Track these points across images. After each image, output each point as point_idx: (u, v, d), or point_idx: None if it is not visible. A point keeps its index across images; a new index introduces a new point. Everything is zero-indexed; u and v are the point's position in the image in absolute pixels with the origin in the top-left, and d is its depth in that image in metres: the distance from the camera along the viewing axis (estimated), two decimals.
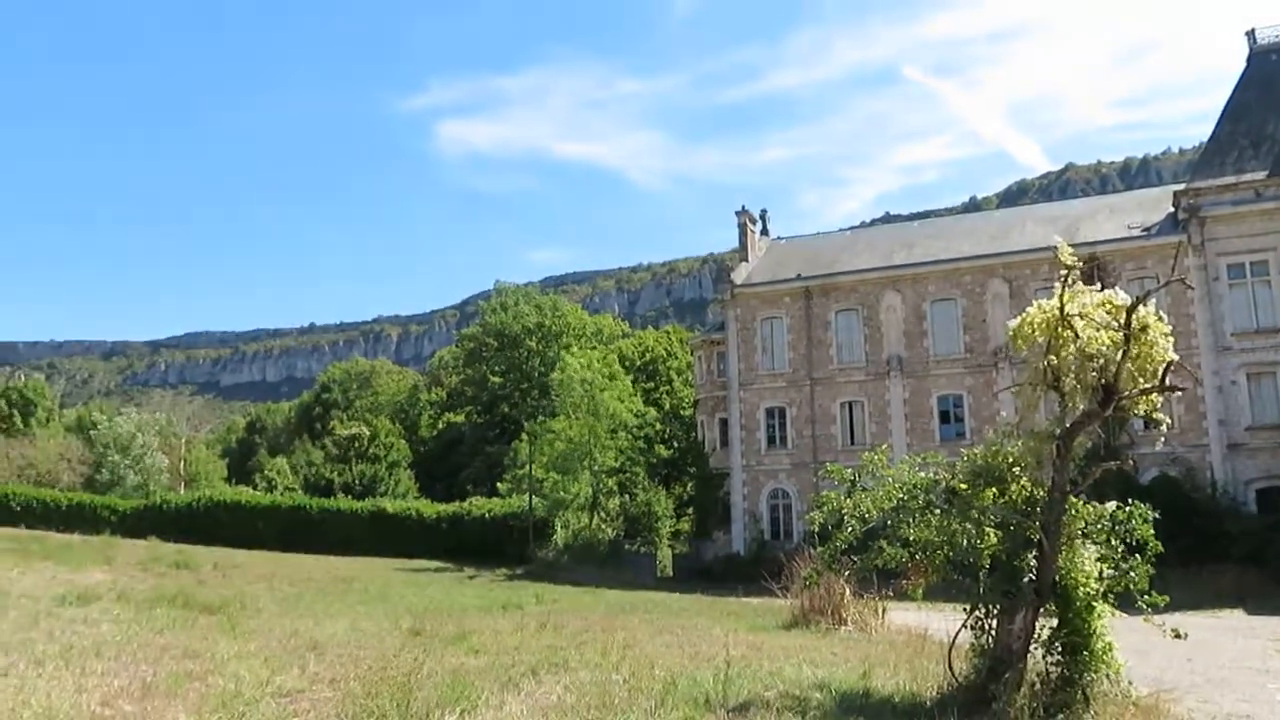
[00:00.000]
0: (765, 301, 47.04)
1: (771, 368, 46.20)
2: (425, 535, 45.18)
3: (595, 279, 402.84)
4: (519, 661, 11.03)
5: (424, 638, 13.86)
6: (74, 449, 64.43)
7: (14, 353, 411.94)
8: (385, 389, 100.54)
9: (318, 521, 46.22)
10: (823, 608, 17.54)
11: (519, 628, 16.08)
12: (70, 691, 7.92)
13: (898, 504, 9.63)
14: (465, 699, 7.78)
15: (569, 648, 12.89)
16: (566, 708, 7.88)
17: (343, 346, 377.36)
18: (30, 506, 47.10)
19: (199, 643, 11.99)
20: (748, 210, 51.49)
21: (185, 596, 19.03)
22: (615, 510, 50.94)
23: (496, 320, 77.73)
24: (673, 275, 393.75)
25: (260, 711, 7.24)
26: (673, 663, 11.27)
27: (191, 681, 8.87)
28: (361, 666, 10.21)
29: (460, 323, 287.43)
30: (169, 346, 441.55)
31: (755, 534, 44.46)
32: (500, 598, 25.69)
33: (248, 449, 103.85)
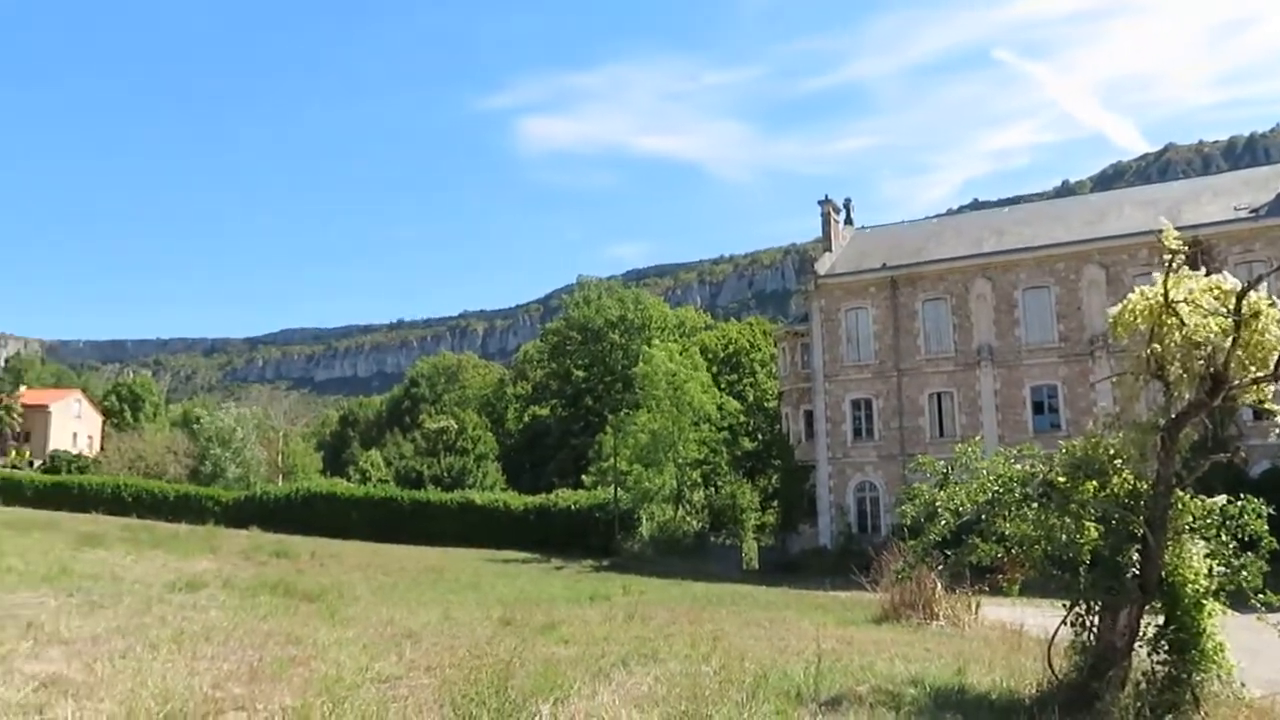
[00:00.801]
0: (850, 292, 46.39)
1: (857, 359, 45.57)
2: (512, 526, 45.77)
3: (677, 272, 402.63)
4: (608, 652, 11.12)
5: (514, 627, 14.08)
6: (179, 442, 67.22)
7: (123, 350, 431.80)
8: (472, 383, 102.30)
9: (409, 513, 47.22)
10: (913, 602, 17.26)
11: (607, 619, 16.21)
12: (183, 674, 8.27)
13: (992, 497, 9.39)
14: (558, 688, 7.87)
15: (657, 639, 12.95)
16: (657, 698, 7.91)
17: (430, 341, 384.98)
18: (140, 497, 49.25)
19: (300, 629, 12.39)
20: (831, 200, 50.86)
21: (286, 585, 19.66)
22: (700, 503, 50.88)
23: (579, 314, 78.30)
24: (755, 267, 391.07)
25: (361, 697, 7.44)
26: (762, 655, 11.22)
27: (295, 666, 9.17)
28: (456, 654, 10.41)
29: (544, 317, 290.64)
30: (266, 343, 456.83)
31: (842, 527, 43.95)
32: (587, 589, 25.91)
33: (341, 442, 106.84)
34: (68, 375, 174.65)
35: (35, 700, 7.02)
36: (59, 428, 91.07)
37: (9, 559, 19.66)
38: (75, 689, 7.48)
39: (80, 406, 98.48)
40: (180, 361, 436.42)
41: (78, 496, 49.31)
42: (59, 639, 10.06)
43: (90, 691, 7.43)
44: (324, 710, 6.53)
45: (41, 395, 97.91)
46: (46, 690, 7.38)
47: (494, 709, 6.51)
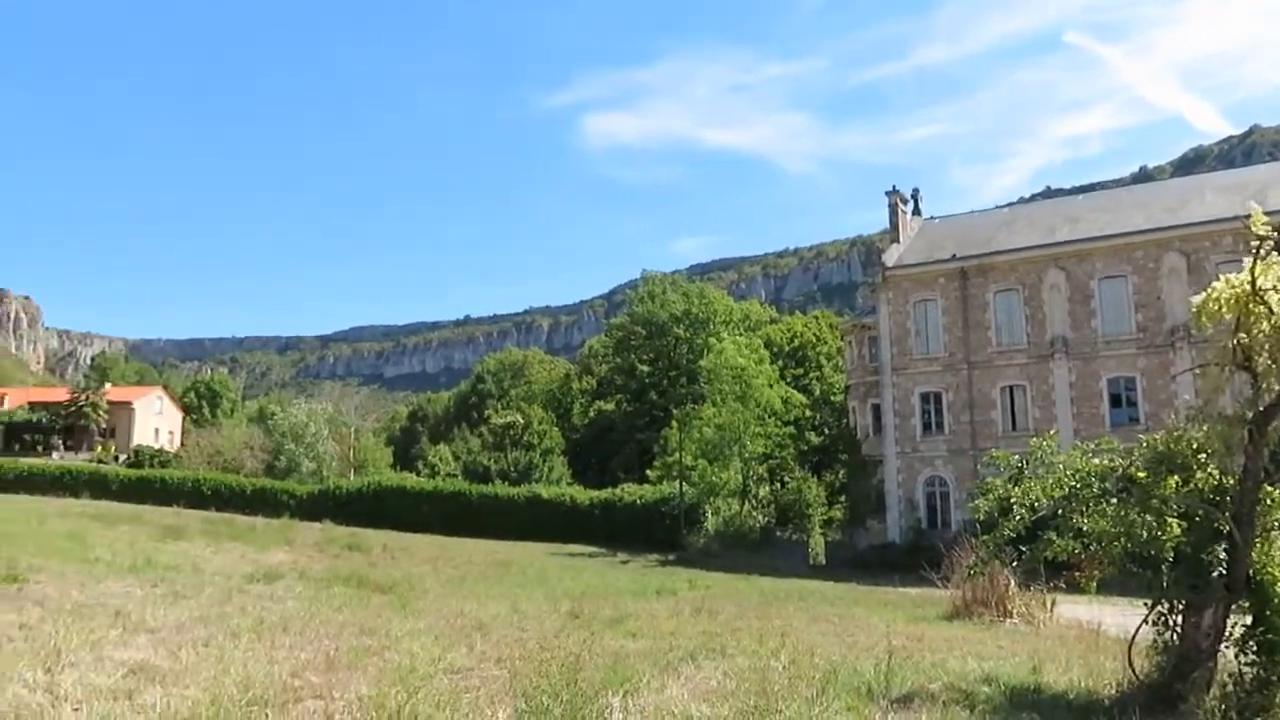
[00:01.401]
0: (918, 283, 45.63)
1: (926, 351, 44.81)
2: (578, 521, 46.05)
3: (741, 265, 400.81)
4: (676, 646, 11.13)
5: (582, 621, 14.17)
6: (256, 438, 68.99)
7: (201, 349, 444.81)
8: (538, 378, 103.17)
9: (477, 506, 47.80)
10: (986, 599, 16.95)
11: (674, 613, 16.23)
12: (263, 662, 8.51)
13: (1069, 492, 9.15)
14: (627, 682, 7.91)
15: (724, 634, 12.92)
16: (726, 693, 7.89)
17: (496, 337, 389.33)
18: (219, 491, 50.68)
19: (373, 620, 12.65)
20: (898, 190, 50.06)
21: (359, 576, 20.10)
22: (766, 498, 50.63)
23: (644, 309, 78.41)
24: (820, 259, 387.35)
25: (434, 687, 7.56)
26: (831, 652, 11.13)
27: (370, 656, 9.36)
28: (525, 647, 10.53)
29: (608, 312, 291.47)
30: (337, 340, 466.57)
31: (911, 522, 43.30)
32: (654, 583, 25.97)
33: (411, 437, 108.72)
34: (150, 373, 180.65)
35: (125, 686, 7.29)
36: (142, 424, 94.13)
37: (97, 550, 20.43)
38: (162, 675, 7.74)
39: (162, 403, 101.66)
40: (255, 359, 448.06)
41: (160, 490, 50.88)
42: (145, 627, 10.43)
43: (176, 678, 7.68)
44: (399, 700, 6.65)
45: (125, 392, 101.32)
46: (135, 676, 7.65)
47: (566, 701, 6.56)
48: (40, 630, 9.45)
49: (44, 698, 6.77)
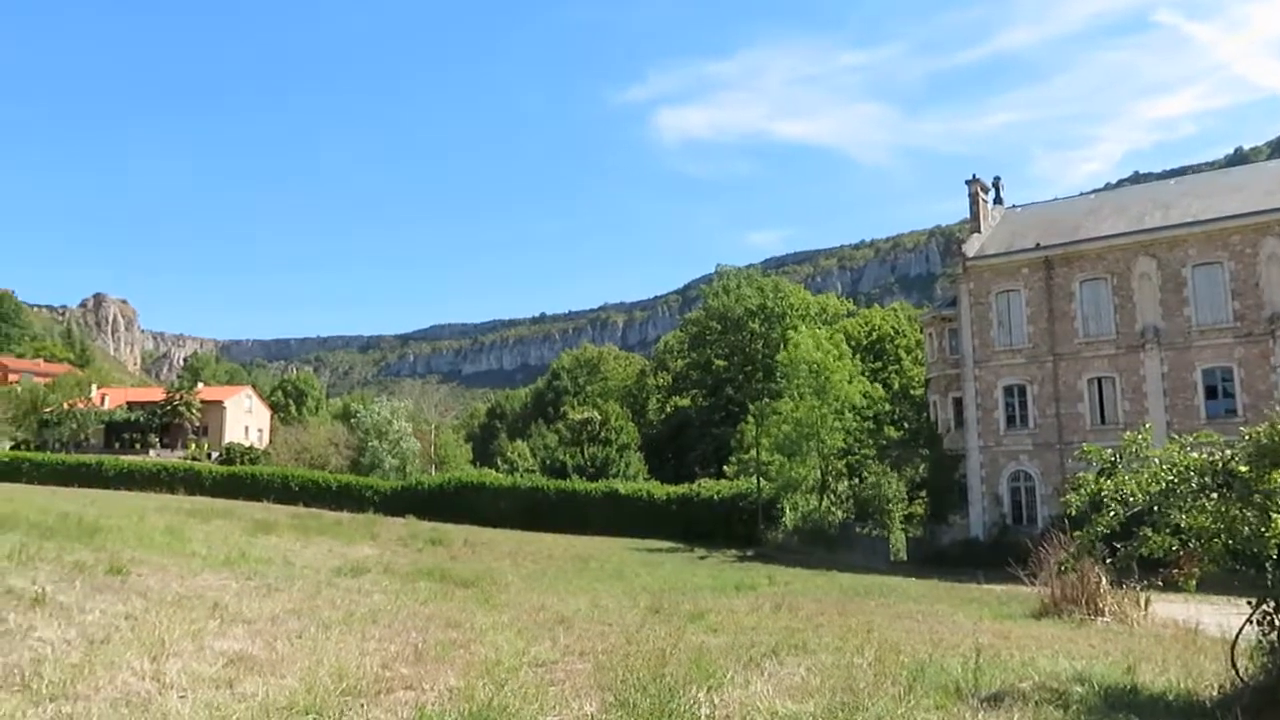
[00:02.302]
0: (1001, 273, 44.60)
1: (1009, 343, 43.79)
2: (655, 516, 46.09)
3: (816, 258, 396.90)
4: (758, 642, 11.07)
5: (663, 616, 14.20)
6: (340, 434, 70.74)
7: (287, 349, 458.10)
8: (613, 374, 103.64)
9: (555, 502, 48.20)
10: (1076, 597, 16.47)
11: (754, 609, 16.14)
12: (355, 654, 8.73)
13: (1166, 487, 8.83)
14: (711, 677, 7.90)
15: (806, 630, 12.81)
16: (811, 690, 7.83)
17: (572, 334, 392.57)
18: (306, 487, 52.04)
19: (458, 613, 12.86)
20: (979, 179, 48.98)
21: (442, 571, 20.45)
22: (844, 493, 50.00)
23: (719, 304, 78.13)
24: (897, 250, 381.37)
25: (520, 679, 7.67)
26: (916, 649, 10.95)
27: (456, 649, 9.53)
28: (607, 641, 10.59)
29: (682, 307, 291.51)
30: (416, 339, 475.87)
31: (995, 518, 42.41)
32: (732, 578, 25.87)
33: (489, 433, 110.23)
34: (239, 372, 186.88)
35: (226, 675, 7.55)
36: (232, 422, 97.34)
37: (194, 544, 21.14)
38: (260, 665, 8.00)
39: (251, 402, 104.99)
40: (338, 358, 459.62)
41: (250, 486, 52.47)
42: (242, 619, 10.77)
43: (273, 668, 7.94)
44: (488, 692, 6.75)
45: (217, 392, 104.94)
46: (235, 666, 7.92)
47: (653, 695, 6.59)
48: (145, 620, 9.83)
49: (151, 685, 7.05)
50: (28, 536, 17.13)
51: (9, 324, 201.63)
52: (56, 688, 6.71)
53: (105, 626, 9.31)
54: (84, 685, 6.85)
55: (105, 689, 6.83)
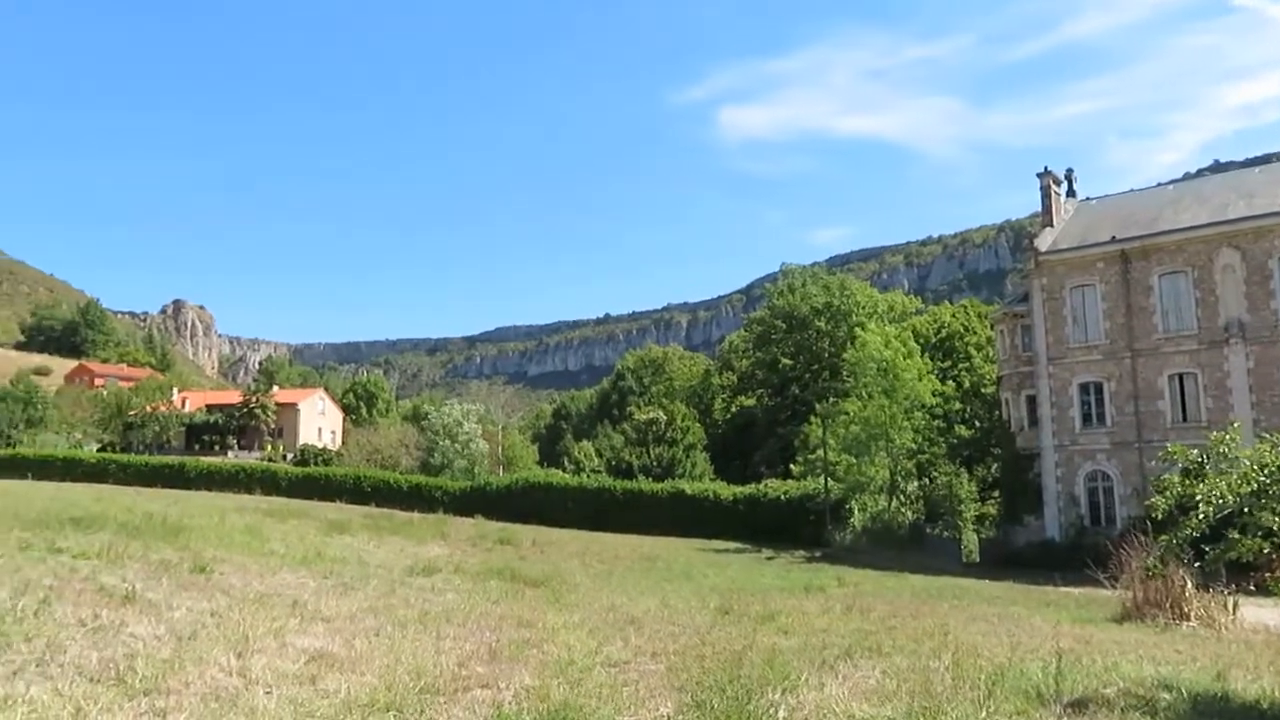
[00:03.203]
0: (1074, 268, 43.47)
1: (1084, 339, 42.66)
2: (722, 516, 45.91)
3: (882, 255, 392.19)
4: (830, 644, 10.97)
5: (733, 616, 14.15)
6: (410, 436, 71.94)
7: (357, 352, 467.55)
8: (678, 374, 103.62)
9: (621, 502, 48.31)
10: (1159, 600, 15.97)
11: (825, 610, 15.99)
12: (431, 652, 8.88)
13: (1258, 489, 8.53)
14: (785, 679, 7.85)
15: (879, 632, 12.65)
16: (888, 693, 7.73)
17: (636, 335, 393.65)
18: (378, 487, 53.00)
19: (529, 613, 12.98)
20: (1050, 171, 47.79)
21: (511, 570, 20.65)
22: (914, 493, 49.26)
23: (784, 302, 77.59)
24: (965, 246, 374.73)
25: (594, 679, 7.72)
26: (994, 652, 10.74)
27: (529, 648, 9.63)
28: (679, 642, 10.60)
29: (746, 306, 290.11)
30: (483, 341, 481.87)
31: (1072, 519, 41.34)
32: (801, 579, 25.69)
33: (555, 434, 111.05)
34: (312, 375, 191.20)
35: (308, 672, 7.74)
36: (306, 423, 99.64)
37: (272, 544, 21.66)
38: (340, 663, 8.18)
39: (324, 404, 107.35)
40: (407, 360, 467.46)
41: (324, 486, 53.61)
42: (321, 616, 11.01)
43: (353, 665, 8.11)
44: (562, 691, 6.80)
45: (291, 394, 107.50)
46: (316, 663, 8.11)
47: (730, 697, 6.57)
48: (228, 618, 10.11)
49: (238, 681, 7.26)
50: (116, 535, 17.75)
51: (95, 330, 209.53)
52: (149, 682, 6.94)
53: (192, 623, 9.60)
54: (174, 680, 7.07)
55: (194, 684, 7.04)
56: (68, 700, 6.29)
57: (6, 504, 23.42)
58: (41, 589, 10.56)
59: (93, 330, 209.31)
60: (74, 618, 9.11)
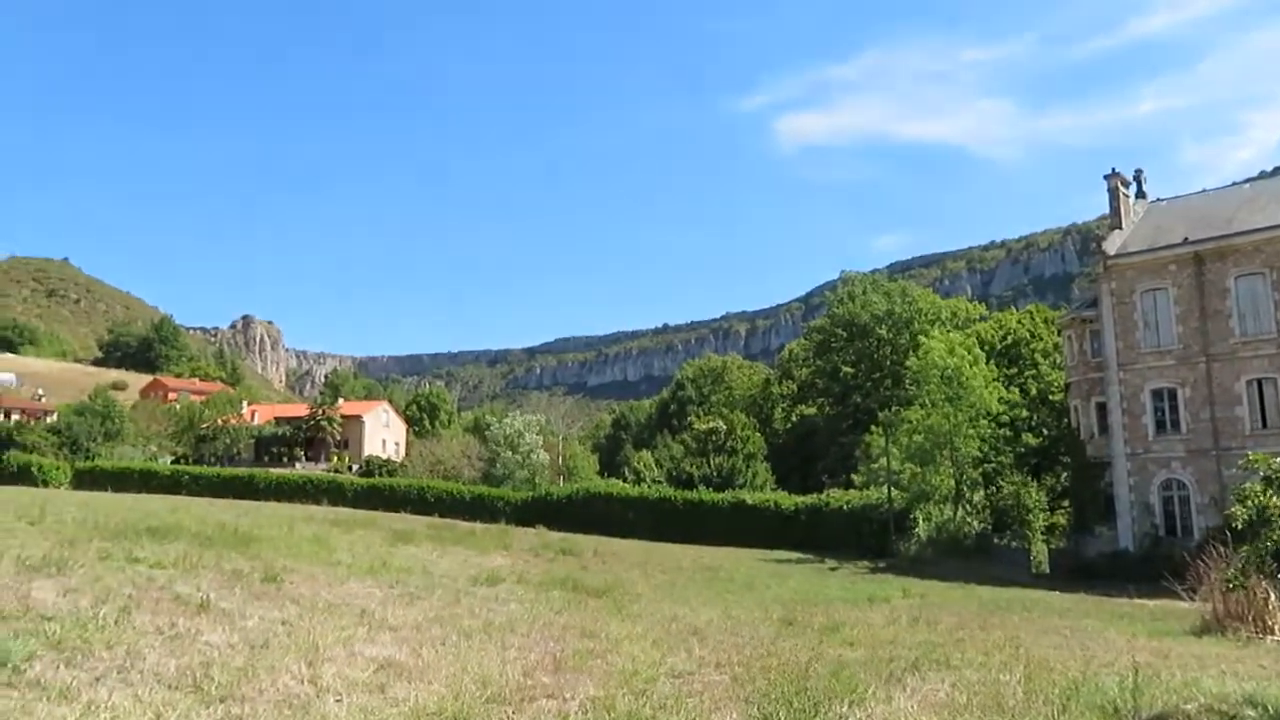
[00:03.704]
0: (1145, 271, 42.37)
1: (1156, 344, 41.53)
2: (783, 526, 45.56)
3: (944, 261, 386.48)
4: (896, 656, 10.80)
5: (796, 628, 14.02)
6: (472, 446, 72.70)
7: (419, 364, 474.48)
8: (738, 383, 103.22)
9: (682, 512, 48.21)
10: (1241, 614, 15.42)
11: (890, 621, 15.77)
12: (496, 661, 8.94)
13: None
14: (852, 692, 7.75)
15: (947, 644, 12.43)
16: (958, 707, 7.58)
17: (694, 344, 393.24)
18: (441, 498, 53.62)
19: (592, 623, 13.01)
20: (1118, 172, 46.68)
21: (574, 580, 20.71)
22: (981, 502, 48.31)
23: (844, 310, 76.93)
24: (1030, 251, 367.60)
25: (659, 690, 7.70)
26: (1066, 666, 10.47)
27: (593, 659, 9.64)
28: (743, 653, 10.53)
29: (806, 315, 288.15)
30: (542, 352, 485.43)
31: (1146, 529, 40.21)
32: (865, 590, 25.36)
33: (615, 444, 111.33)
34: (376, 388, 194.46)
35: (377, 680, 7.86)
36: (371, 435, 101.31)
37: (339, 553, 22.02)
38: (407, 671, 8.29)
39: (388, 416, 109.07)
40: (468, 372, 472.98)
41: (388, 497, 54.42)
42: (388, 625, 11.17)
43: (420, 674, 8.21)
44: (627, 702, 6.80)
45: (356, 407, 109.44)
46: (384, 671, 8.23)
47: (797, 709, 6.51)
48: (299, 626, 10.31)
49: (309, 689, 7.39)
50: (190, 546, 18.21)
51: (168, 346, 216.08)
52: (224, 689, 7.11)
53: (264, 631, 9.80)
54: (248, 687, 7.23)
55: (268, 691, 7.19)
56: (147, 706, 6.46)
57: (87, 515, 24.16)
58: (121, 597, 10.88)
59: (166, 346, 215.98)
60: (152, 626, 9.37)
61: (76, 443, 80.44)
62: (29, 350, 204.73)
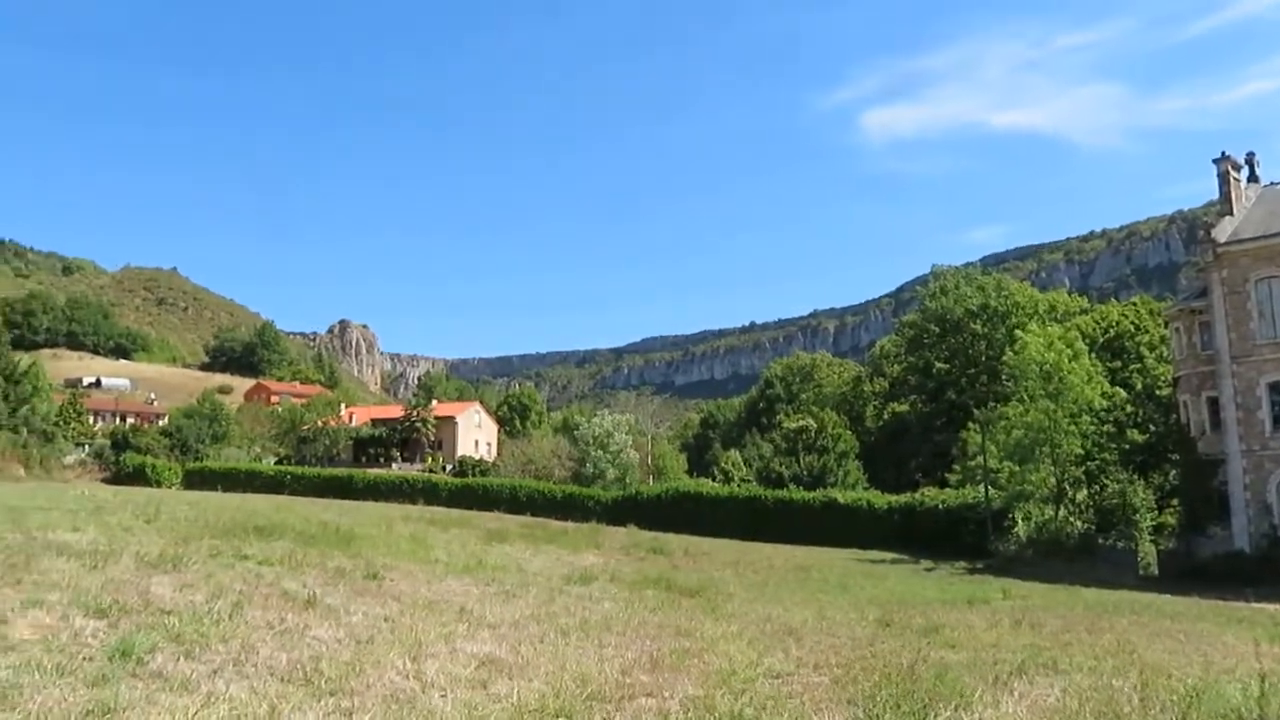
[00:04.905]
0: (1259, 259, 40.34)
1: (1273, 335, 39.51)
2: (876, 526, 44.84)
3: (1040, 253, 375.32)
4: (1001, 659, 10.52)
5: (894, 629, 13.77)
6: (562, 446, 73.39)
7: (509, 365, 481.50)
8: (827, 381, 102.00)
9: (772, 511, 47.84)
10: None
11: (992, 624, 15.37)
12: (594, 660, 9.00)
13: None
14: (959, 696, 7.56)
15: (1053, 648, 12.06)
16: (1070, 713, 7.32)
17: (782, 342, 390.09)
18: (533, 497, 54.34)
19: (686, 622, 12.99)
20: (1229, 156, 44.52)
21: (666, 580, 20.73)
22: (1084, 502, 46.67)
23: (936, 305, 75.37)
24: (1132, 240, 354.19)
25: (758, 690, 7.64)
26: (1184, 672, 10.04)
27: (690, 658, 9.63)
28: (840, 654, 10.38)
29: (896, 310, 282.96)
30: (630, 352, 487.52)
31: (1263, 529, 38.30)
32: (963, 591, 24.80)
33: (703, 443, 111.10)
34: (467, 389, 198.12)
35: (478, 676, 7.99)
36: (464, 436, 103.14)
37: (436, 552, 22.51)
38: (508, 668, 8.41)
39: (479, 417, 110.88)
40: (556, 373, 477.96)
41: (481, 496, 55.38)
42: (486, 623, 11.35)
43: (520, 671, 8.31)
44: (727, 702, 6.76)
45: (448, 408, 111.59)
46: (485, 668, 8.36)
47: (905, 713, 6.38)
48: (401, 623, 10.56)
49: (414, 684, 7.56)
50: (295, 544, 18.83)
51: (270, 351, 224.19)
52: (334, 683, 7.32)
53: (368, 627, 10.07)
54: (356, 681, 7.43)
55: (375, 686, 7.38)
56: (262, 699, 6.69)
57: (198, 514, 25.18)
58: (233, 593, 11.31)
59: (268, 350, 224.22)
60: (262, 621, 9.71)
61: (186, 445, 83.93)
62: (141, 356, 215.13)
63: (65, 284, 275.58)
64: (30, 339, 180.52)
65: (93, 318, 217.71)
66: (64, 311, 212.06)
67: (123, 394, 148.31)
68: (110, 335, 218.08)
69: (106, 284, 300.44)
